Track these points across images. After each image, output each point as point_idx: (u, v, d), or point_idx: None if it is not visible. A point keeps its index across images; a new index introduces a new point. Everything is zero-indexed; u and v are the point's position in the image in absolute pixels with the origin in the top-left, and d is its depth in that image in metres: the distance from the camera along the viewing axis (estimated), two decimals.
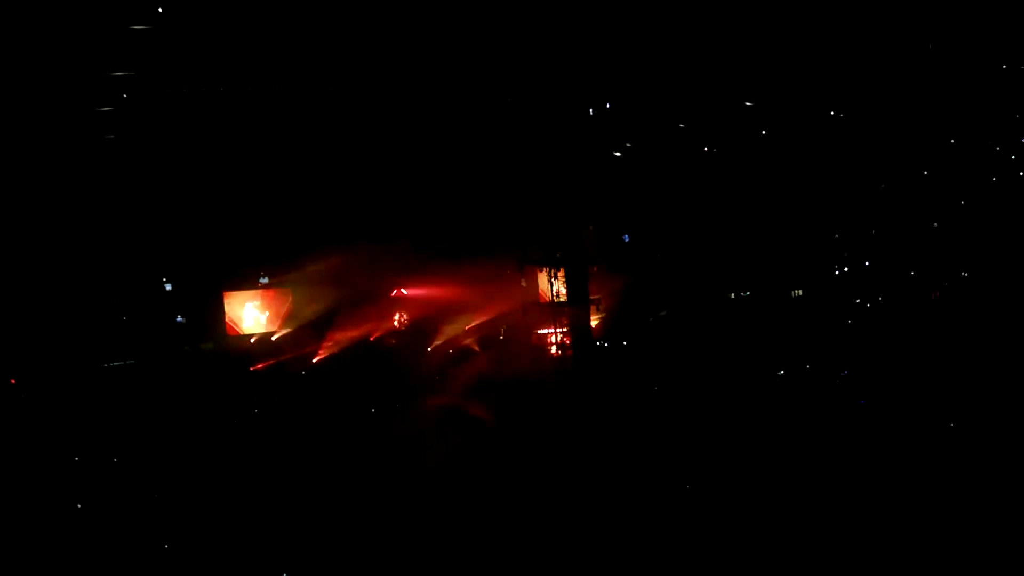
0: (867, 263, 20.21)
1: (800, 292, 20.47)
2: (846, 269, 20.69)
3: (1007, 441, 11.09)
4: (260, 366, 19.62)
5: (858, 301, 20.03)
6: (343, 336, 19.80)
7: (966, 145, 19.43)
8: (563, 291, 18.37)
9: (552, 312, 18.53)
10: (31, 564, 9.85)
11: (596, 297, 18.98)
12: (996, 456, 10.56)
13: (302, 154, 18.88)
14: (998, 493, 9.27)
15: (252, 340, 20.17)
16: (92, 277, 18.81)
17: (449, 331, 19.74)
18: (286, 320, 20.42)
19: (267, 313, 20.37)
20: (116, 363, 18.87)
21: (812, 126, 19.57)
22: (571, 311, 18.27)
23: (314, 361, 19.64)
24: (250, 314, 20.29)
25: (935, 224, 19.86)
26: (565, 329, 18.52)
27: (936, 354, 16.51)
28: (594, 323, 19.04)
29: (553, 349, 19.13)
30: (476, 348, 19.63)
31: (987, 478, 9.79)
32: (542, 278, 19.80)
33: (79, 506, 12.09)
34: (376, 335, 20.26)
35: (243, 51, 17.52)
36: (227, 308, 20.22)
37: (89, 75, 17.30)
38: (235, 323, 20.23)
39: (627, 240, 19.51)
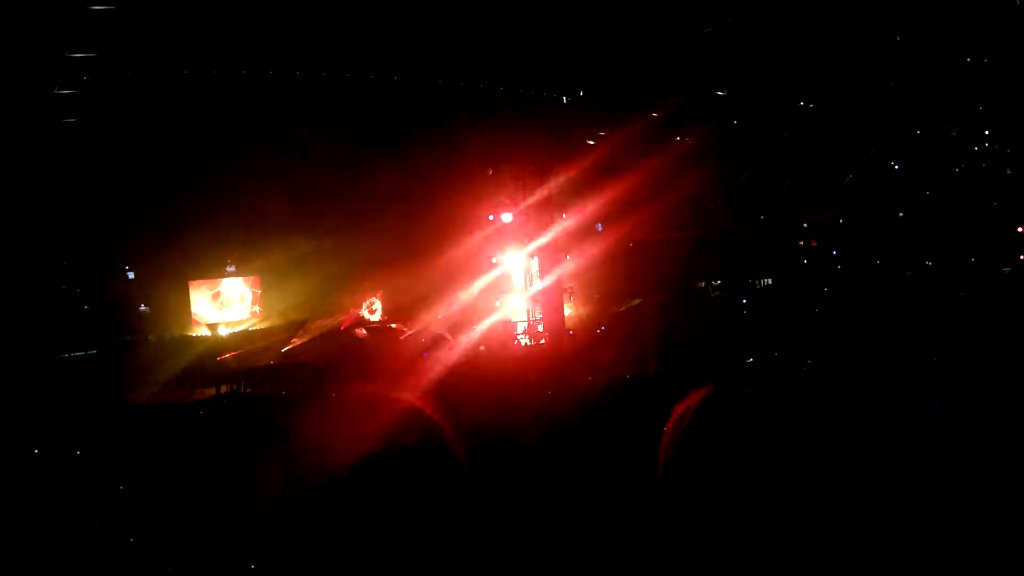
0: (834, 252, 20.50)
1: (768, 281, 20.71)
2: (811, 258, 20.96)
3: (977, 432, 11.26)
4: (227, 356, 19.26)
5: (825, 290, 20.30)
6: (313, 326, 19.53)
7: (931, 136, 19.77)
8: (536, 280, 18.36)
9: (526, 301, 18.51)
10: None
11: (569, 286, 19.00)
12: (962, 448, 10.70)
13: (270, 139, 18.55)
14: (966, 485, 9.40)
15: (218, 329, 19.80)
16: (53, 265, 18.30)
17: (422, 321, 19.59)
18: (254, 309, 20.07)
19: (234, 302, 19.99)
20: (77, 353, 18.40)
21: (782, 116, 19.77)
22: (544, 300, 18.25)
23: (283, 351, 19.33)
24: (217, 303, 19.90)
25: (900, 214, 20.19)
26: (538, 318, 18.52)
27: (903, 343, 16.82)
28: (567, 312, 19.06)
29: (527, 338, 19.10)
30: (450, 338, 19.51)
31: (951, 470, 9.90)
32: (516, 267, 19.75)
33: (39, 500, 11.77)
34: (347, 325, 20.04)
35: (206, 32, 17.15)
36: (192, 297, 19.79)
37: (48, 56, 16.79)
38: (201, 312, 19.83)
39: (600, 229, 19.52)
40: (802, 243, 20.78)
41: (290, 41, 17.01)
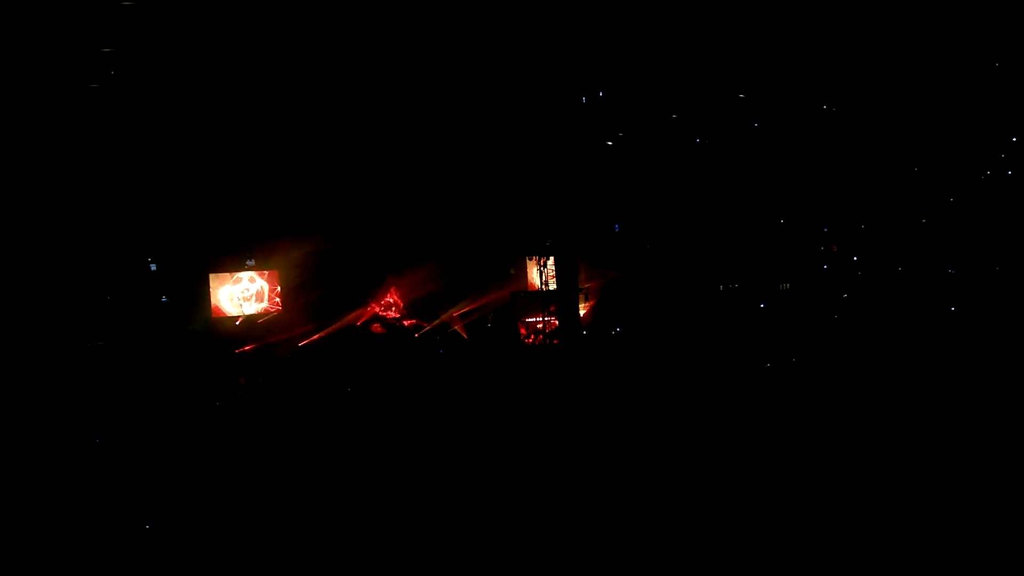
0: (855, 258, 20.24)
1: (788, 285, 20.50)
2: (832, 263, 20.72)
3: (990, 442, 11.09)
4: (246, 348, 19.51)
5: (845, 296, 20.08)
6: (330, 320, 19.73)
7: (957, 141, 19.46)
8: (552, 280, 18.36)
9: (540, 301, 18.50)
10: (11, 552, 9.72)
11: (585, 287, 18.98)
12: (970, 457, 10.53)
13: (292, 136, 18.72)
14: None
15: (238, 322, 20.03)
16: (76, 256, 18.60)
17: (437, 319, 19.73)
18: (273, 303, 20.28)
19: (254, 295, 20.22)
20: (100, 343, 18.71)
21: (804, 119, 19.56)
22: (560, 300, 18.25)
23: (300, 345, 19.54)
24: (236, 296, 20.12)
25: (923, 220, 19.89)
26: (553, 318, 18.52)
27: (925, 353, 16.63)
28: (582, 312, 19.06)
29: (541, 338, 19.13)
30: (464, 336, 19.63)
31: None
32: (531, 267, 19.81)
33: (62, 488, 11.99)
34: (364, 320, 20.22)
35: (232, 28, 17.32)
36: (213, 289, 20.04)
37: (75, 50, 17.04)
38: (221, 304, 20.08)
39: (617, 230, 19.47)
40: (823, 248, 20.54)
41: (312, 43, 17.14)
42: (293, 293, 20.22)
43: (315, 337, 19.63)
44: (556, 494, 10.36)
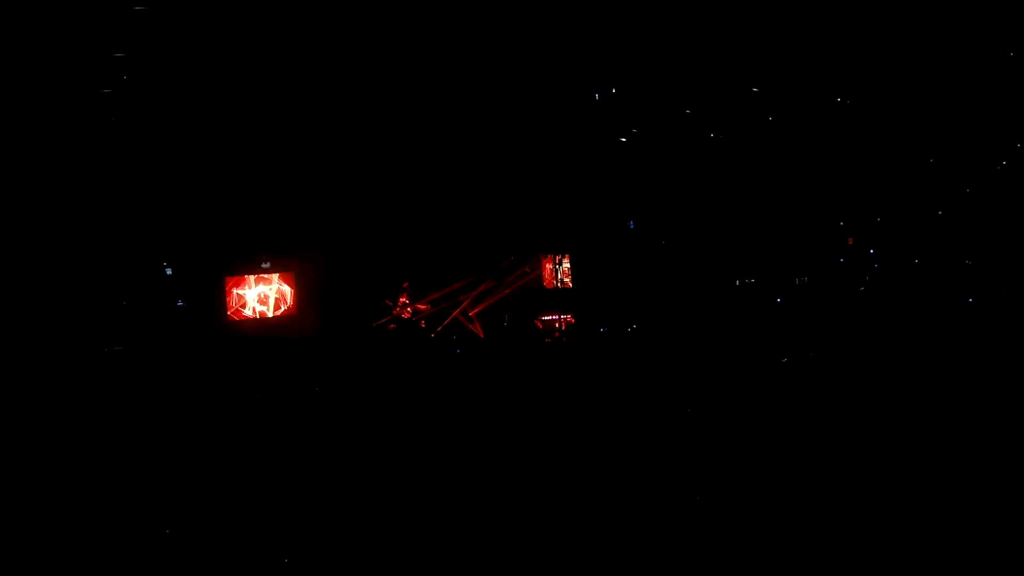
0: (872, 250, 20.17)
1: (804, 279, 20.45)
2: (848, 256, 20.66)
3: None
4: (262, 350, 19.52)
5: (862, 289, 20.02)
6: (346, 321, 19.74)
7: (971, 131, 19.38)
8: (567, 278, 18.39)
9: (556, 298, 18.54)
10: (29, 560, 9.74)
11: (601, 283, 18.98)
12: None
13: (306, 138, 18.73)
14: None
15: (254, 325, 20.05)
16: (92, 261, 18.64)
17: (452, 318, 19.74)
18: (288, 305, 20.30)
19: (269, 297, 20.24)
20: (116, 348, 18.75)
21: (819, 112, 19.51)
22: (575, 297, 18.29)
23: (316, 346, 19.56)
24: (252, 299, 20.14)
25: (940, 212, 19.81)
26: (569, 316, 18.55)
27: (943, 345, 16.54)
28: (598, 309, 19.06)
29: (558, 335, 19.14)
30: (480, 335, 19.62)
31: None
32: (547, 264, 19.83)
33: (80, 494, 12.02)
34: (379, 320, 20.23)
35: (246, 33, 17.36)
36: (228, 292, 20.06)
37: (89, 55, 17.10)
38: (237, 307, 20.10)
39: (632, 226, 19.44)
40: (839, 241, 20.48)
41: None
42: (309, 295, 20.22)
43: (331, 338, 19.64)
44: (577, 493, 10.35)
